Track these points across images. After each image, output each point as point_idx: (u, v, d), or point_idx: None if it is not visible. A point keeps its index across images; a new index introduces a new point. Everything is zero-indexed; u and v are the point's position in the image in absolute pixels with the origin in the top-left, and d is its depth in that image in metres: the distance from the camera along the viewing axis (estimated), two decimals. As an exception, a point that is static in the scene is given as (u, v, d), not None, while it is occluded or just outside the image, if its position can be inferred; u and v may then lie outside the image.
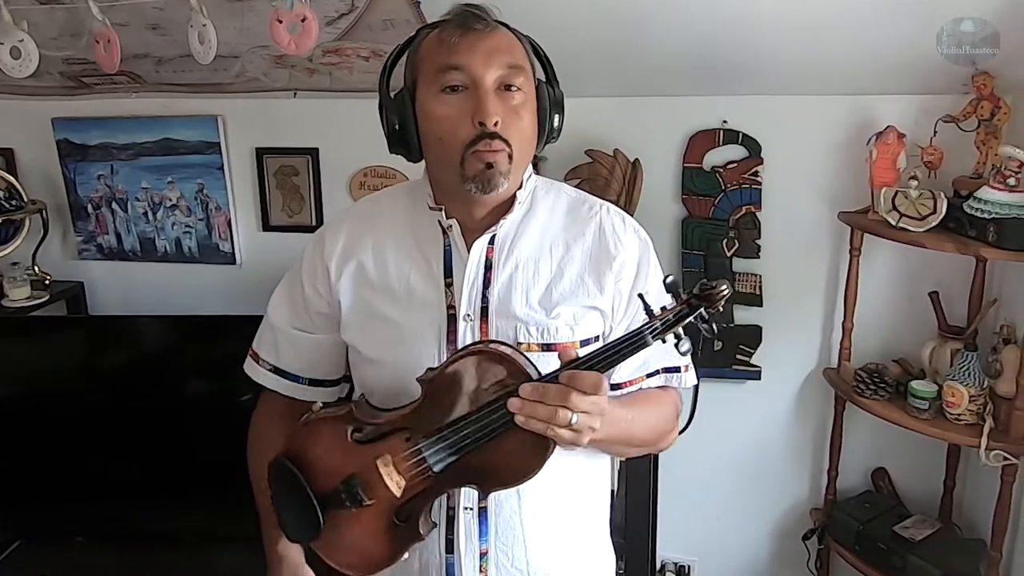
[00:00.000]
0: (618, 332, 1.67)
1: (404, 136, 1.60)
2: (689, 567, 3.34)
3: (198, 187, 3.35)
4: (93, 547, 3.11)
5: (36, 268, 3.42)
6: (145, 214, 3.43)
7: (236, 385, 2.99)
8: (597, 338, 1.67)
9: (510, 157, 1.53)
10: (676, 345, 1.37)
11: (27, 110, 3.40)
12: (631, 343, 1.40)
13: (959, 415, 2.60)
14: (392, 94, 1.62)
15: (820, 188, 2.91)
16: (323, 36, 2.66)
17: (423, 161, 1.65)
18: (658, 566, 3.28)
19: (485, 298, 1.62)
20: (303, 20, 2.44)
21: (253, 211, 3.38)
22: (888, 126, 2.66)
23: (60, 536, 3.14)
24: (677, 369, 1.74)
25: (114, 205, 3.44)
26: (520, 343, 1.59)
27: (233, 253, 3.41)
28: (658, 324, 1.38)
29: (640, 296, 1.43)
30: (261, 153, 3.31)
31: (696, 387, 1.62)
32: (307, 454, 1.60)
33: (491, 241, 1.65)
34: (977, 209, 2.43)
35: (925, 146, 2.63)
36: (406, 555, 1.59)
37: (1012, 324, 2.64)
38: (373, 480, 1.51)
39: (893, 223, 2.58)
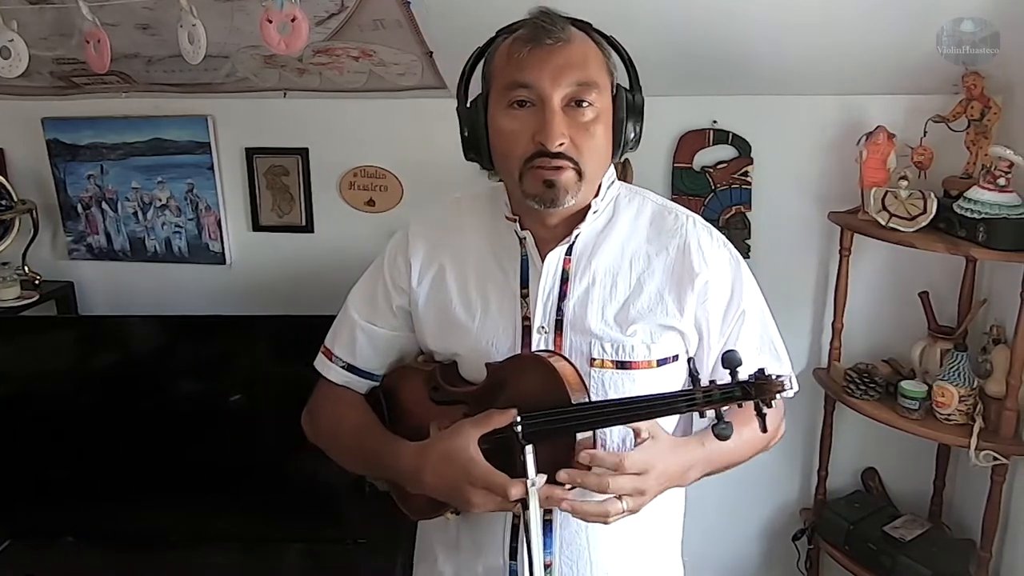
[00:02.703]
0: (714, 353, 1.66)
1: (476, 145, 1.60)
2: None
3: (188, 187, 3.34)
4: (83, 547, 3.11)
5: (26, 268, 3.41)
6: (135, 214, 3.42)
7: (226, 385, 3.02)
8: (676, 357, 1.64)
9: (579, 174, 1.52)
10: (714, 428, 1.34)
11: (17, 110, 3.38)
12: (664, 405, 1.42)
13: (949, 415, 2.60)
14: (469, 101, 1.61)
15: (810, 188, 2.91)
16: (313, 36, 2.65)
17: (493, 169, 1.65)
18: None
19: (560, 311, 1.61)
20: (293, 20, 2.43)
21: (243, 211, 3.37)
22: (878, 126, 2.66)
23: (50, 536, 3.13)
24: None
25: (104, 205, 3.43)
26: (594, 359, 1.59)
27: (223, 253, 3.40)
28: (699, 397, 1.36)
29: (690, 360, 1.45)
30: (251, 153, 3.29)
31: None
32: (395, 391, 1.79)
33: (568, 251, 1.64)
34: (967, 209, 2.43)
35: (915, 146, 2.64)
36: (448, 517, 1.66)
37: (1002, 324, 2.65)
38: (426, 438, 1.61)
39: (883, 223, 2.58)
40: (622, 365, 1.59)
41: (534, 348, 1.60)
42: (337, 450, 1.82)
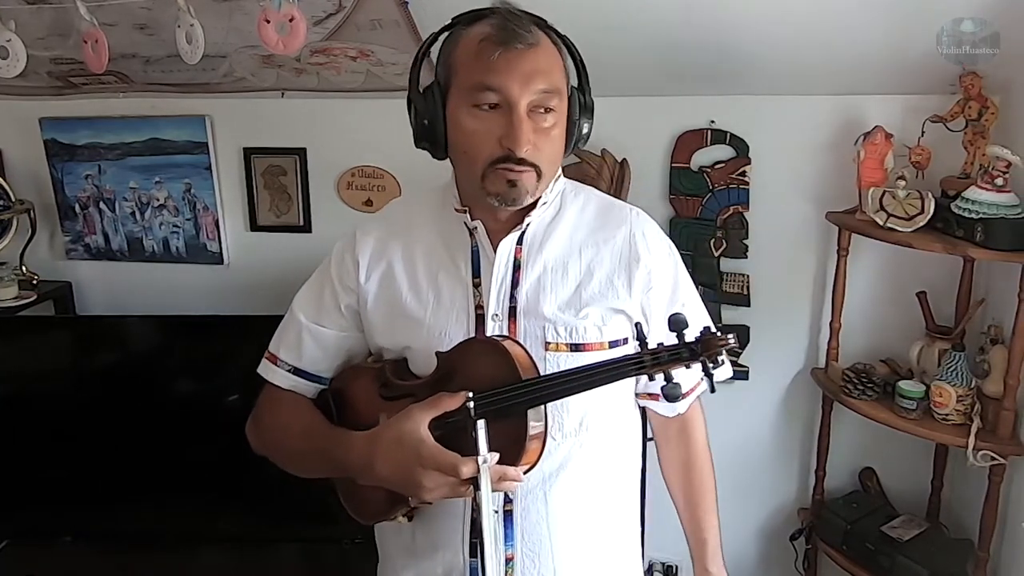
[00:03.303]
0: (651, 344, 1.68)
1: (432, 135, 1.59)
2: (676, 567, 3.34)
3: (186, 187, 3.34)
4: (81, 547, 3.11)
5: (24, 268, 3.41)
6: (133, 214, 3.42)
7: (224, 385, 3.02)
8: (626, 340, 1.66)
9: (538, 175, 1.54)
10: (663, 388, 1.35)
11: (15, 110, 3.39)
12: (613, 370, 1.42)
13: (947, 415, 2.60)
14: (422, 88, 1.60)
15: (808, 188, 2.91)
16: (311, 36, 2.65)
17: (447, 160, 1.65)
18: (645, 566, 3.28)
19: (513, 298, 1.63)
20: (291, 20, 2.44)
21: (241, 211, 3.38)
22: (876, 126, 2.66)
23: (48, 536, 3.14)
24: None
25: (102, 205, 3.43)
26: (549, 343, 1.61)
27: (221, 253, 3.40)
28: (647, 359, 1.37)
29: (636, 325, 1.43)
30: (249, 153, 3.30)
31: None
32: (344, 393, 1.75)
33: (519, 241, 1.65)
34: (965, 209, 2.43)
35: (913, 146, 2.63)
36: (400, 521, 1.65)
37: (999, 324, 2.65)
38: None
39: (881, 223, 2.58)
40: (576, 347, 1.61)
41: (489, 334, 1.62)
42: (285, 455, 1.77)
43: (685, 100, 2.92)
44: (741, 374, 3.07)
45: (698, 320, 1.64)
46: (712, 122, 2.92)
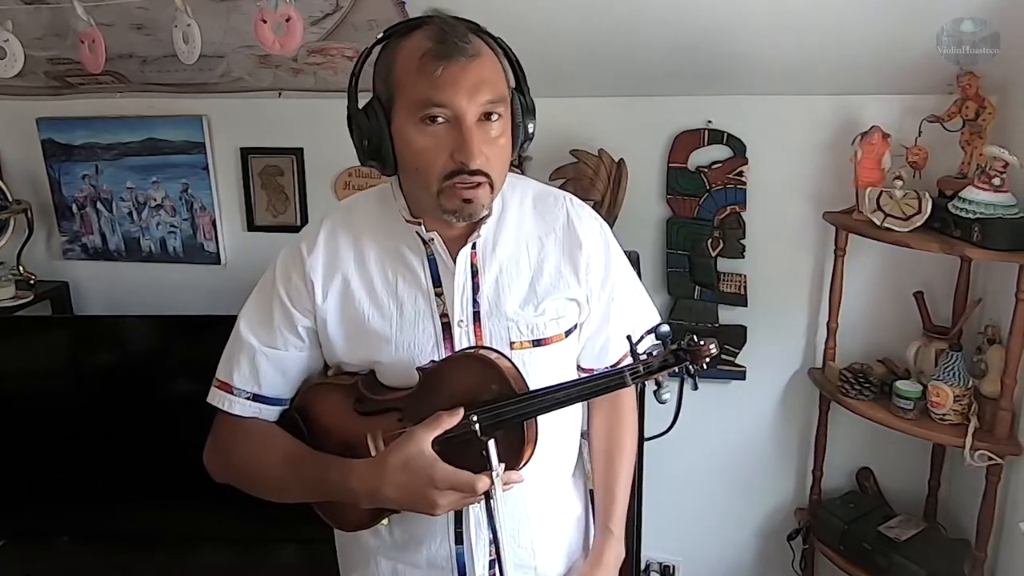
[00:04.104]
0: (589, 326, 1.78)
1: (378, 154, 1.56)
2: (674, 567, 3.34)
3: (183, 187, 3.34)
4: (78, 547, 3.12)
5: (21, 268, 3.42)
6: (130, 214, 3.42)
7: (221, 385, 3.01)
8: (577, 327, 1.75)
9: (491, 186, 1.53)
10: (655, 392, 1.46)
11: (12, 110, 3.39)
12: (610, 381, 1.50)
13: (944, 415, 2.60)
14: (362, 106, 1.56)
15: (805, 188, 2.91)
16: (308, 36, 2.66)
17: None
18: (643, 566, 3.28)
19: (476, 303, 1.64)
20: (288, 20, 2.44)
21: (238, 211, 3.38)
22: (873, 126, 2.65)
23: (45, 536, 3.14)
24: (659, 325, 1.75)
25: (99, 205, 3.43)
26: (513, 342, 1.64)
27: (218, 253, 3.41)
28: (640, 368, 1.46)
29: (628, 338, 1.48)
30: (246, 153, 3.30)
31: (680, 387, 1.53)
32: (311, 411, 1.71)
33: (473, 246, 1.65)
34: (962, 209, 2.43)
35: (910, 146, 2.63)
36: (386, 523, 1.68)
37: (997, 324, 2.65)
38: (361, 452, 1.58)
39: (878, 223, 2.58)
40: (538, 343, 1.66)
41: (456, 342, 1.63)
42: (258, 484, 1.74)
43: (682, 100, 2.92)
44: (738, 374, 3.07)
45: (630, 311, 1.81)
46: (709, 122, 2.92)
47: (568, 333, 1.72)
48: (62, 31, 2.89)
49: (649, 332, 1.46)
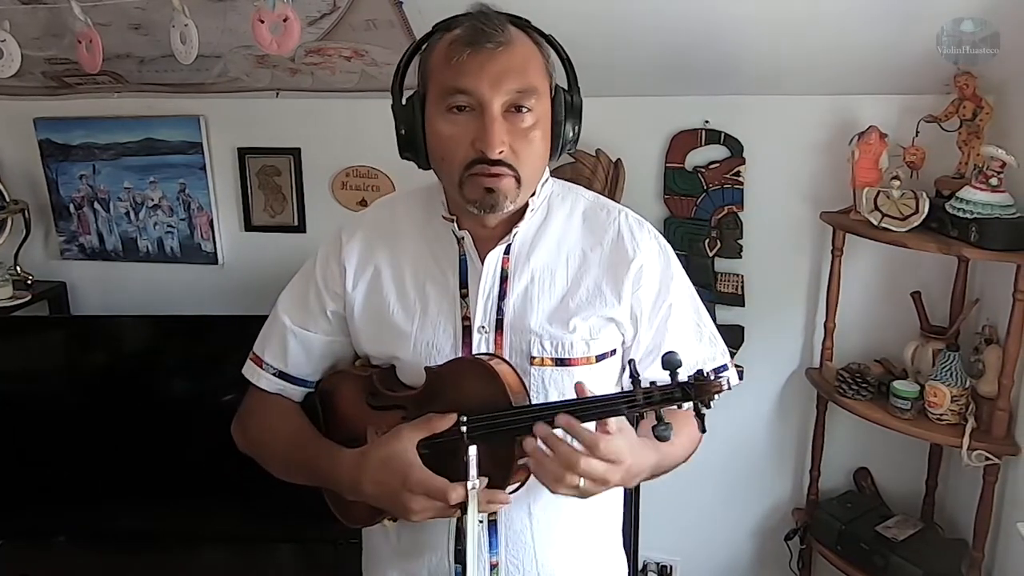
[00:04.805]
0: (644, 343, 1.67)
1: (412, 144, 1.57)
2: (671, 567, 3.34)
3: (180, 187, 3.34)
4: (75, 547, 3.11)
5: (18, 268, 3.41)
6: (127, 214, 3.42)
7: (219, 385, 3.01)
8: (613, 352, 1.65)
9: (518, 180, 1.51)
10: (654, 428, 1.35)
11: (9, 110, 3.39)
12: (604, 405, 1.40)
13: (941, 415, 2.60)
14: (404, 98, 1.58)
15: (802, 188, 2.91)
16: (305, 36, 2.65)
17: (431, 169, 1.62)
18: (640, 566, 3.28)
19: (500, 310, 1.60)
20: (285, 20, 2.43)
21: (235, 211, 3.38)
22: (870, 126, 2.65)
23: (43, 536, 3.13)
24: (724, 368, 1.75)
25: (96, 205, 3.43)
26: (534, 357, 1.59)
27: (215, 253, 3.41)
28: (640, 399, 1.36)
29: (631, 362, 1.42)
30: (243, 153, 3.30)
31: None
32: (332, 397, 1.75)
33: (507, 251, 1.63)
34: (959, 209, 2.43)
35: (907, 146, 2.63)
36: (386, 524, 1.66)
37: (994, 324, 2.65)
38: (363, 444, 1.59)
39: (875, 223, 2.58)
40: (561, 362, 1.59)
41: (475, 348, 1.59)
42: (270, 459, 1.77)
43: (680, 100, 2.92)
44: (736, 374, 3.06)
45: (689, 341, 1.68)
46: (707, 122, 2.92)
47: (600, 359, 1.62)
48: (59, 31, 2.88)
49: (718, 370, 1.40)
